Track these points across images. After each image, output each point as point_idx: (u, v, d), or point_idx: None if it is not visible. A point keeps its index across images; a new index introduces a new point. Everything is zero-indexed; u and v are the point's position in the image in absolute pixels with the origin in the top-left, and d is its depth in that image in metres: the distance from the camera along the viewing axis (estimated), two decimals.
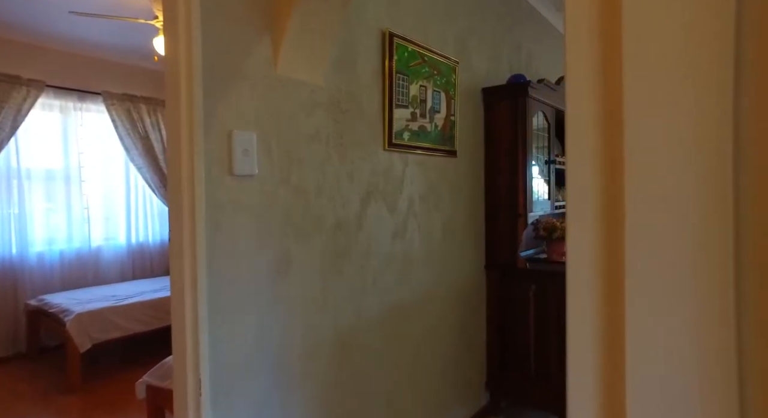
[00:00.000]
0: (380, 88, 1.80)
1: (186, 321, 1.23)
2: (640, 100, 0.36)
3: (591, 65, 0.39)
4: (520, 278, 2.35)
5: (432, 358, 2.13)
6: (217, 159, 1.24)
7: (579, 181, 0.40)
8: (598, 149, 0.39)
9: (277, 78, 1.40)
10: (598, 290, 0.40)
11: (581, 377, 0.41)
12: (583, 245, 0.40)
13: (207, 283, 1.23)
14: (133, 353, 3.50)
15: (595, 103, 0.39)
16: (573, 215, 0.41)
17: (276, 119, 1.40)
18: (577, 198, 0.40)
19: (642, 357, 0.37)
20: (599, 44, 0.39)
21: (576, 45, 0.39)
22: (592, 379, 0.41)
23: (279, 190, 1.41)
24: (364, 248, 1.74)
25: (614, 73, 0.38)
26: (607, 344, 0.41)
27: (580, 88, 0.40)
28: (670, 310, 0.36)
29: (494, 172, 2.43)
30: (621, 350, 0.39)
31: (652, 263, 0.36)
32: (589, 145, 0.40)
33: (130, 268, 4.29)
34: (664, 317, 0.36)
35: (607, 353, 0.40)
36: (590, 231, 0.40)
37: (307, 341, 1.51)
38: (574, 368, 0.43)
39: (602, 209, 0.39)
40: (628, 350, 0.38)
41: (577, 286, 0.41)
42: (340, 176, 1.63)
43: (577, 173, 0.40)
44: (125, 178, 4.35)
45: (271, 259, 1.39)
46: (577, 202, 0.40)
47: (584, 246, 0.40)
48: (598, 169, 0.39)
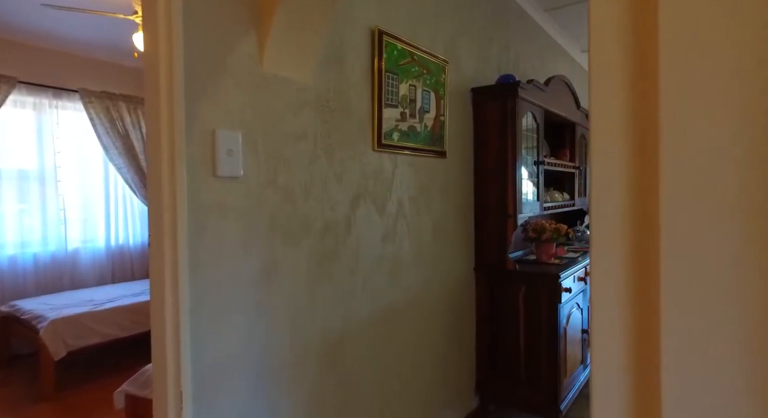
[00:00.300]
0: (369, 87, 1.75)
1: (166, 329, 1.17)
2: (678, 90, 0.32)
3: (620, 49, 0.35)
4: (510, 280, 2.33)
5: (422, 362, 2.09)
6: (200, 160, 1.18)
7: (605, 172, 0.37)
8: (627, 138, 0.36)
9: (263, 75, 1.35)
10: (627, 302, 0.37)
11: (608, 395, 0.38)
12: (608, 244, 0.36)
13: (189, 289, 1.17)
14: (114, 359, 3.38)
15: (624, 90, 0.35)
16: (597, 214, 0.37)
17: (262, 118, 1.34)
18: (601, 193, 0.37)
19: (681, 369, 0.34)
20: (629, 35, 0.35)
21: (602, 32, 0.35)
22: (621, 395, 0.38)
23: (265, 192, 1.36)
24: (353, 251, 1.69)
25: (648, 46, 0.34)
26: (637, 349, 0.37)
27: (607, 73, 0.37)
28: (714, 327, 0.32)
29: (483, 172, 2.41)
30: (654, 358, 0.35)
31: (691, 270, 0.32)
32: (617, 135, 0.36)
33: (109, 271, 4.16)
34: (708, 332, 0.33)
35: (638, 358, 0.37)
36: (617, 232, 0.36)
37: (295, 347, 1.46)
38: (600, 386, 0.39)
39: (631, 206, 0.35)
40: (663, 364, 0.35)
41: (604, 300, 0.37)
42: (329, 177, 1.59)
43: (603, 164, 0.36)
44: (104, 179, 4.22)
45: (257, 263, 1.34)
46: (602, 198, 0.37)
47: (610, 245, 0.36)
48: (627, 161, 0.35)
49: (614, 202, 0.36)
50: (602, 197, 0.37)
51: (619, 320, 0.37)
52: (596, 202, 0.37)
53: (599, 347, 0.37)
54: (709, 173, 0.32)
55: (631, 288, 0.36)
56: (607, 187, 0.36)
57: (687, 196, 0.32)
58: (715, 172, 0.31)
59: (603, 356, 0.38)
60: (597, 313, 0.37)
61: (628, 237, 0.36)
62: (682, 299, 0.32)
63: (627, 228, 0.36)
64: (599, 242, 0.38)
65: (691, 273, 0.32)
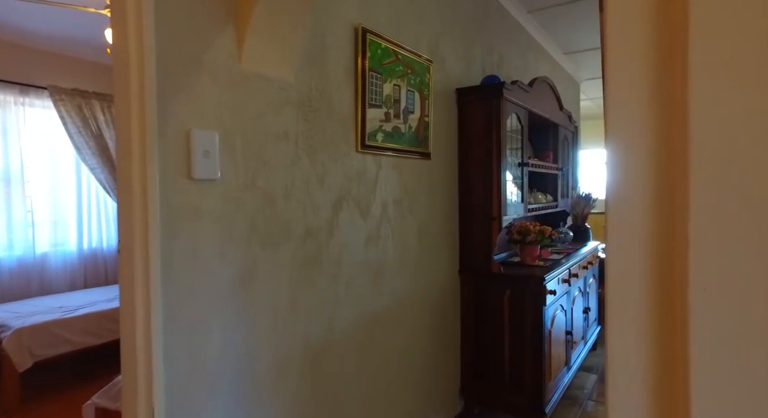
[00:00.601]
0: (353, 86, 1.71)
1: (137, 340, 1.10)
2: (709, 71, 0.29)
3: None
4: (495, 283, 2.31)
5: (406, 367, 2.05)
6: (174, 161, 1.12)
7: (625, 164, 0.33)
8: (651, 121, 0.32)
9: (242, 73, 1.28)
10: (649, 298, 0.33)
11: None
12: (629, 235, 0.32)
13: (162, 298, 1.10)
14: (87, 369, 3.24)
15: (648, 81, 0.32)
16: (616, 206, 0.33)
17: (241, 118, 1.28)
18: (622, 180, 0.33)
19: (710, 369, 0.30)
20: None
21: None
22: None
23: (244, 195, 1.29)
24: (335, 256, 1.64)
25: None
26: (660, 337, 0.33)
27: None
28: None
29: (468, 174, 2.38)
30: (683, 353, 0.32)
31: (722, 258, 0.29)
32: (640, 121, 0.32)
33: (81, 276, 4.00)
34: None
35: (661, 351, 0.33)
36: (640, 222, 0.32)
37: (276, 356, 1.40)
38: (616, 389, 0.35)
39: (656, 197, 0.32)
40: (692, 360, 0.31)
41: (622, 299, 0.33)
42: (311, 180, 1.53)
43: (625, 153, 0.33)
44: (76, 179, 4.05)
45: (235, 269, 1.27)
46: (622, 186, 0.33)
47: (632, 236, 0.32)
48: (652, 147, 0.32)
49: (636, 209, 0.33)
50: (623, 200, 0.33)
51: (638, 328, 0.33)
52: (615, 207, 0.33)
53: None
54: (742, 176, 0.28)
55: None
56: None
57: (719, 171, 0.28)
58: (747, 175, 0.28)
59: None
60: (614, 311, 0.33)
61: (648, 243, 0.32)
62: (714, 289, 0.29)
63: (647, 231, 0.32)
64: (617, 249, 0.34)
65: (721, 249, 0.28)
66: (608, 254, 0.34)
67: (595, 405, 2.65)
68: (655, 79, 0.31)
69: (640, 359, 0.32)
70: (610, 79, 0.33)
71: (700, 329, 0.29)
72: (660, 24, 0.31)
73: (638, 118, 0.32)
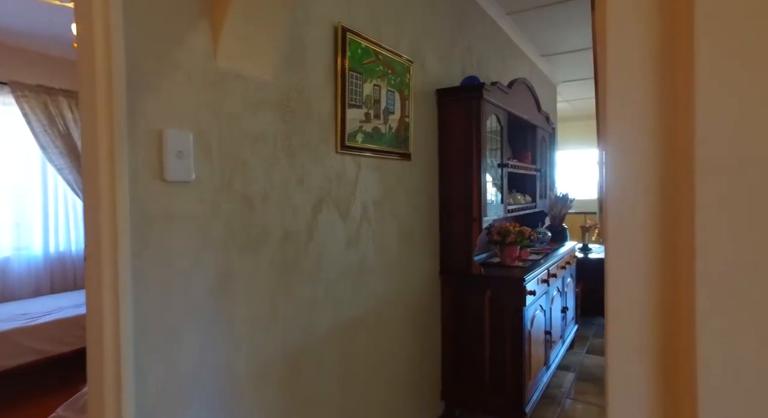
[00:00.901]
0: (332, 86, 1.67)
1: (104, 351, 1.04)
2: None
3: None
4: (475, 284, 2.31)
5: (387, 370, 2.03)
6: (145, 162, 1.06)
7: (626, 154, 0.31)
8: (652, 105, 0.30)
9: (218, 71, 1.24)
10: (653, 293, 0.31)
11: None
12: (630, 236, 0.31)
13: (133, 306, 1.04)
14: (54, 379, 3.10)
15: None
16: (617, 207, 0.31)
17: (216, 117, 1.24)
18: (622, 180, 0.31)
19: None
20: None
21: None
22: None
23: (220, 198, 1.25)
24: (315, 259, 1.61)
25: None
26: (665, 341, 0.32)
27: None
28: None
29: (448, 175, 2.38)
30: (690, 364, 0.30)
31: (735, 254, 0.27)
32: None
33: (47, 281, 3.83)
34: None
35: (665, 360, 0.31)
36: (642, 224, 0.30)
37: (255, 364, 1.36)
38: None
39: (659, 197, 0.30)
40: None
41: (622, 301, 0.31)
42: (290, 181, 1.49)
43: (623, 139, 0.31)
44: (42, 180, 3.88)
45: (210, 274, 1.22)
46: (622, 186, 0.31)
47: (632, 238, 0.31)
48: (655, 144, 0.30)
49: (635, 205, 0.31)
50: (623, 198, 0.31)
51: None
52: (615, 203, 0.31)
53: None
54: (753, 174, 0.26)
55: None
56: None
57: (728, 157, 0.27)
58: (758, 173, 0.26)
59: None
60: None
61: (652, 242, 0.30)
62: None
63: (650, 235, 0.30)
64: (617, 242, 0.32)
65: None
66: (608, 257, 0.33)
67: (572, 403, 2.68)
68: (658, 73, 0.30)
69: (642, 368, 0.31)
70: (611, 73, 0.31)
71: (708, 337, 0.28)
72: (663, 14, 0.30)
73: (640, 114, 0.30)
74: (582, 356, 3.39)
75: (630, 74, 0.31)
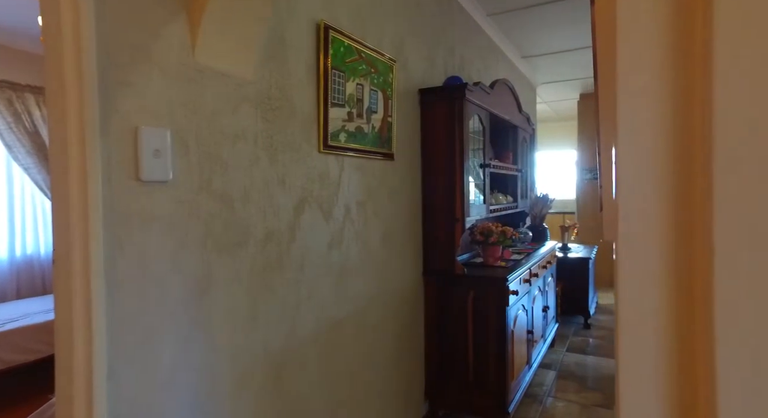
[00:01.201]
0: (315, 84, 1.64)
1: (75, 360, 0.99)
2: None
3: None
4: (459, 285, 2.31)
5: (371, 372, 2.00)
6: (120, 161, 1.01)
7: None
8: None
9: (196, 67, 1.19)
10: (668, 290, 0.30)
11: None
12: (643, 235, 0.29)
13: (106, 311, 0.99)
14: (20, 389, 2.96)
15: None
16: (628, 204, 0.30)
17: (195, 115, 1.19)
18: (635, 177, 0.29)
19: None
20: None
21: None
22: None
23: (198, 198, 1.20)
24: (297, 260, 1.57)
25: None
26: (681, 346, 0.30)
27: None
28: None
29: (431, 175, 2.37)
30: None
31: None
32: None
33: (13, 286, 3.66)
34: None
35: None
36: (655, 222, 0.29)
37: (235, 368, 1.32)
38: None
39: (674, 193, 0.28)
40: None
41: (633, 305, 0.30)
42: (271, 181, 1.45)
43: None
44: (6, 180, 3.71)
45: (189, 278, 1.18)
46: (635, 183, 0.29)
47: (645, 236, 0.29)
48: (669, 139, 0.28)
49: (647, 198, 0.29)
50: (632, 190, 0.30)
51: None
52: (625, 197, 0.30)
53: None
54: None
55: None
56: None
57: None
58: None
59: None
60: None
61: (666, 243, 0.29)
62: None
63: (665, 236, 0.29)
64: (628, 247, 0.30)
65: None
66: (620, 258, 0.31)
67: (554, 401, 2.71)
68: (672, 65, 0.28)
69: (656, 376, 0.29)
70: (622, 66, 0.29)
71: (728, 342, 0.26)
72: (677, 3, 0.28)
73: (654, 108, 0.29)
74: (562, 354, 3.44)
75: (642, 66, 0.29)
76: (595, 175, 5.63)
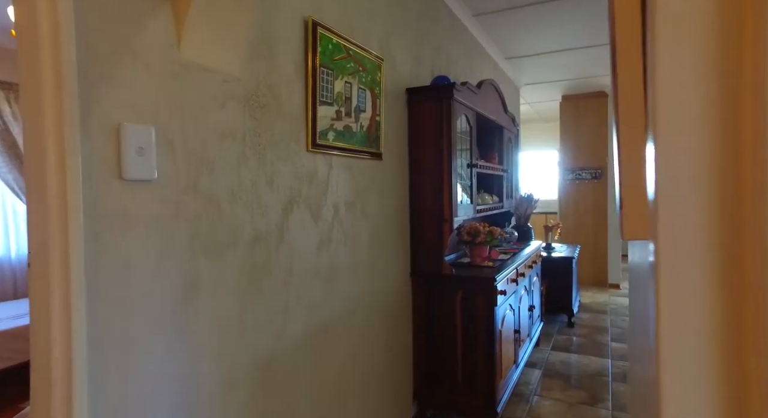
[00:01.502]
0: (303, 82, 1.61)
1: (52, 369, 0.93)
2: None
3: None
4: (447, 285, 2.30)
5: (359, 374, 1.98)
6: (101, 159, 0.97)
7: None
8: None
9: (181, 62, 1.15)
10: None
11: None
12: (688, 236, 0.28)
13: (86, 319, 0.94)
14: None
15: None
16: (671, 206, 0.28)
17: (180, 112, 1.15)
18: (680, 177, 0.28)
19: None
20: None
21: None
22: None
23: (184, 198, 1.16)
24: (286, 262, 1.53)
25: None
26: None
27: None
28: None
29: (419, 175, 2.35)
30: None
31: None
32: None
33: None
34: None
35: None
36: (700, 224, 0.27)
37: (222, 376, 1.27)
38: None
39: (722, 194, 0.27)
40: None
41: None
42: (259, 181, 1.41)
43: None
44: None
45: (174, 281, 1.13)
46: (680, 183, 0.28)
47: (691, 238, 0.27)
48: (717, 137, 0.27)
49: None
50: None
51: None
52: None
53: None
54: None
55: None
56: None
57: None
58: None
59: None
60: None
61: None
62: None
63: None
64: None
65: None
66: (660, 261, 0.29)
67: (540, 400, 2.73)
68: (719, 57, 0.27)
69: (703, 386, 0.28)
70: (663, 57, 0.28)
71: None
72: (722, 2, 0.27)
73: (699, 106, 0.27)
74: (547, 353, 3.47)
75: (686, 58, 0.27)
76: (577, 175, 5.72)
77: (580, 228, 5.76)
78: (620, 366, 3.18)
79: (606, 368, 3.15)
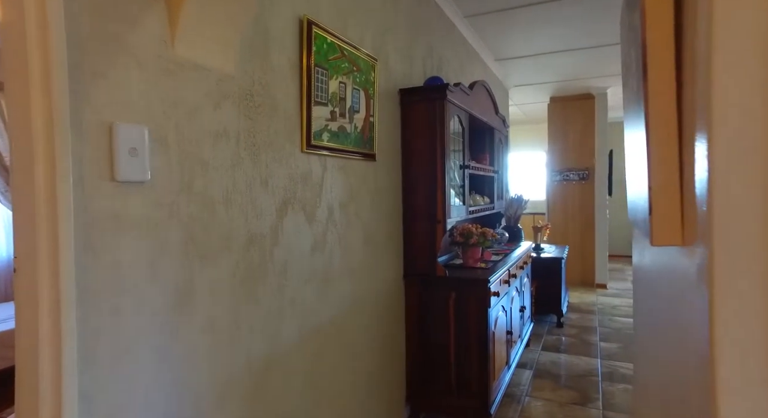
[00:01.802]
0: (298, 81, 1.58)
1: (41, 380, 0.90)
2: None
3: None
4: (440, 287, 2.29)
5: (353, 377, 1.96)
6: (92, 160, 0.93)
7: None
8: None
9: (175, 60, 1.11)
10: None
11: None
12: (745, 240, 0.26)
13: (77, 326, 0.91)
14: None
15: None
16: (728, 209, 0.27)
17: (174, 111, 1.11)
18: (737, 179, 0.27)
19: None
20: None
21: None
22: None
23: (179, 200, 1.12)
24: (281, 265, 1.51)
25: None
26: None
27: None
28: None
29: (412, 176, 2.34)
30: None
31: None
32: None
33: None
34: None
35: None
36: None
37: (218, 382, 1.24)
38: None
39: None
40: None
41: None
42: (254, 182, 1.38)
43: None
44: None
45: (168, 287, 1.10)
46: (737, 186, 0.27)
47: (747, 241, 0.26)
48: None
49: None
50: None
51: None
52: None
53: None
54: None
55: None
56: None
57: None
58: None
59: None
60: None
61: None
62: None
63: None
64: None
65: None
66: (716, 259, 0.28)
67: (531, 400, 2.74)
68: None
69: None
70: (723, 60, 0.27)
71: None
72: None
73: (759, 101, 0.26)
74: (538, 353, 3.49)
75: (745, 61, 0.26)
76: (565, 176, 5.78)
77: (567, 229, 5.82)
78: (609, 366, 3.22)
79: (595, 368, 3.18)
